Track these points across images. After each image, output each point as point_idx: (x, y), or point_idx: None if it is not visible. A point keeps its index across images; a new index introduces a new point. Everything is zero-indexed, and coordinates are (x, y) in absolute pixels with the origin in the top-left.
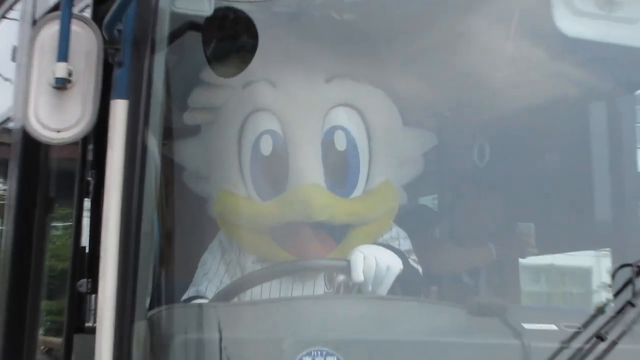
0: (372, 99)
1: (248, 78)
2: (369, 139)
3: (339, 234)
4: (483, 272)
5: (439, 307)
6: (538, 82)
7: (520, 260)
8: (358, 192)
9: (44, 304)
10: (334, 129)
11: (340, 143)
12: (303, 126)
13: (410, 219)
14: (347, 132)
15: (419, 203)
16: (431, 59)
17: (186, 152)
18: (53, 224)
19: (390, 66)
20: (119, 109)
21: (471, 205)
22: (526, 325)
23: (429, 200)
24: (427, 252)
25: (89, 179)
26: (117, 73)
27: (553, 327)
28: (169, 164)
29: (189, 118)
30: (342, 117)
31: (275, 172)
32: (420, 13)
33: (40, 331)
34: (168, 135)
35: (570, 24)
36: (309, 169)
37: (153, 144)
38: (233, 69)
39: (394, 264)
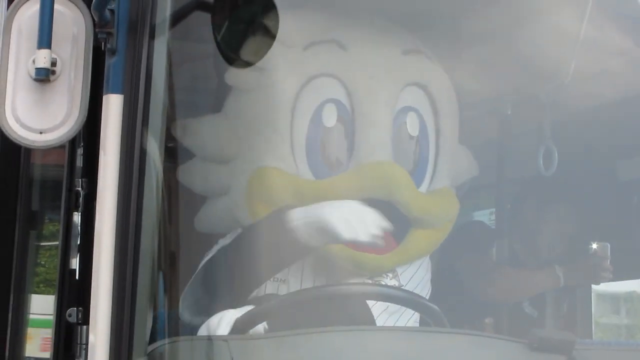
0: (443, 87)
1: (311, 39)
2: (437, 132)
3: (399, 233)
4: (548, 300)
5: (494, 341)
6: (617, 73)
7: (594, 286)
8: (424, 187)
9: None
10: (407, 109)
11: (413, 127)
12: (375, 99)
13: (462, 236)
14: (420, 117)
15: (473, 218)
16: (487, 43)
17: (196, 146)
18: (37, 242)
19: (461, 51)
20: (113, 106)
21: (535, 221)
22: None
23: (484, 215)
24: (482, 276)
25: (78, 188)
26: (110, 62)
27: None
28: (172, 170)
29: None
30: (417, 98)
31: (338, 146)
32: None
33: None
34: (171, 136)
35: None
36: (380, 146)
37: (153, 146)
38: (249, 56)
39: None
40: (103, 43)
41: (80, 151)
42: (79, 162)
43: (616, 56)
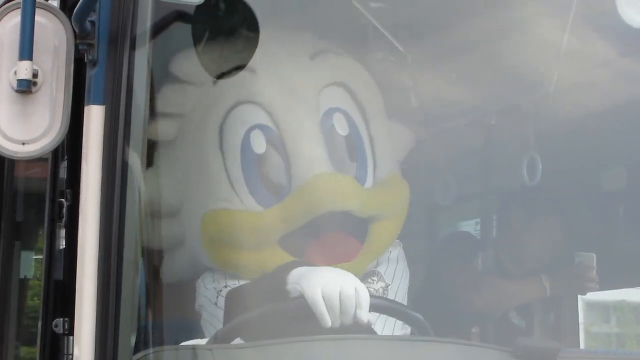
0: (356, 75)
1: (218, 70)
2: (366, 122)
3: (359, 232)
4: (535, 309)
5: (478, 349)
6: (601, 83)
7: (583, 295)
8: (369, 182)
9: (12, 347)
10: (331, 111)
11: (342, 126)
12: (297, 113)
13: (448, 247)
14: (345, 114)
15: (459, 228)
16: (471, 53)
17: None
18: (23, 253)
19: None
20: (95, 116)
21: (520, 231)
22: None
23: (470, 226)
24: (468, 286)
25: (62, 199)
26: (92, 73)
27: None
28: (154, 181)
29: (173, 126)
30: (337, 96)
31: (275, 171)
32: None
33: None
34: (153, 146)
35: (637, 14)
36: (315, 158)
37: (135, 157)
38: (229, 65)
39: (359, 284)
40: (84, 54)
41: (64, 163)
42: (62, 173)
43: (599, 66)
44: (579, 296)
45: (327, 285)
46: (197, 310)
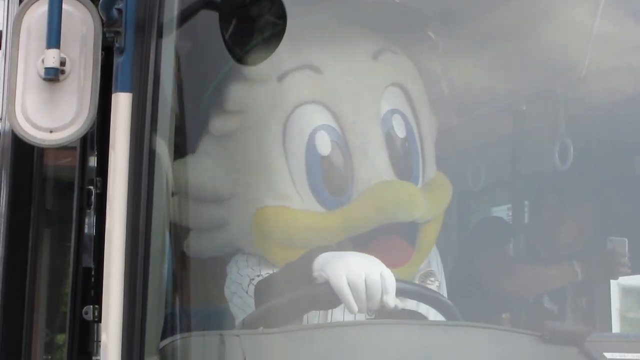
0: (410, 73)
1: (284, 67)
2: (418, 123)
3: (412, 235)
4: (566, 294)
5: (506, 334)
6: (633, 68)
7: (619, 281)
8: (420, 184)
9: (42, 333)
10: (390, 113)
11: (400, 129)
12: (362, 115)
13: (480, 232)
14: (403, 116)
15: (490, 214)
16: (502, 39)
17: (202, 158)
18: (53, 241)
19: (476, 48)
20: (122, 104)
21: (551, 216)
22: (609, 355)
23: (502, 211)
24: (500, 271)
25: (90, 187)
26: (119, 61)
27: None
28: (182, 168)
29: (208, 115)
30: (396, 97)
31: (339, 173)
32: None
33: None
34: (181, 134)
35: None
36: (380, 162)
37: (163, 145)
38: (257, 55)
39: (384, 269)
40: (111, 42)
41: (94, 151)
42: (92, 161)
43: (631, 50)
44: (615, 282)
45: (352, 272)
46: (227, 296)
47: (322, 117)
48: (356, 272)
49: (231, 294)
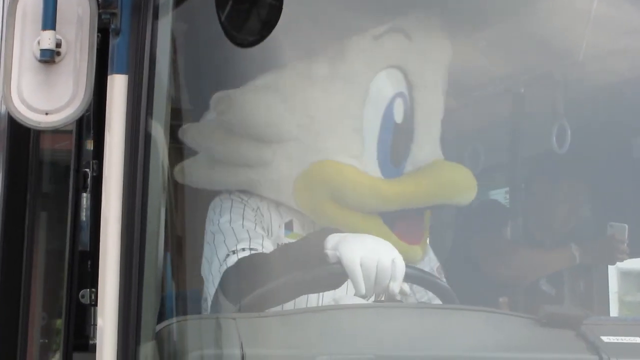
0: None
1: (381, 27)
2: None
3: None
4: (564, 278)
5: (502, 317)
6: (631, 51)
7: (617, 265)
8: None
9: (38, 317)
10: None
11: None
12: (432, 89)
13: (478, 216)
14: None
15: (488, 197)
16: (500, 22)
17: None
18: (50, 224)
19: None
20: (118, 86)
21: (549, 199)
22: (605, 338)
23: (499, 194)
24: (498, 255)
25: (86, 169)
26: (115, 43)
27: (638, 340)
28: (178, 149)
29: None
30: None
31: (404, 144)
32: None
33: (34, 349)
34: (177, 115)
35: None
36: (436, 141)
37: (159, 127)
38: (252, 35)
39: (397, 256)
40: (107, 23)
41: (90, 134)
42: (88, 144)
43: (629, 33)
44: (614, 266)
45: (366, 255)
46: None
47: (401, 84)
48: (370, 255)
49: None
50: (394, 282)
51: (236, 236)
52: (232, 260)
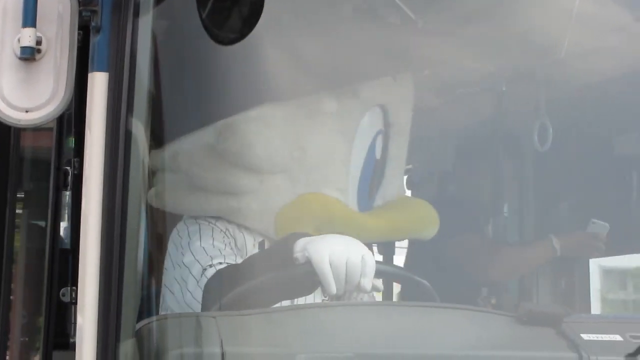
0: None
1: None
2: None
3: None
4: (544, 276)
5: (483, 315)
6: (613, 49)
7: (598, 263)
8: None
9: (19, 316)
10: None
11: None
12: (403, 126)
13: (458, 214)
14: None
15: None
16: (481, 19)
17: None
18: (30, 222)
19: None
20: (98, 84)
21: (531, 198)
22: (585, 336)
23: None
24: (478, 252)
25: (67, 167)
26: (95, 41)
27: (617, 337)
28: (159, 148)
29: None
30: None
31: (378, 180)
32: None
33: (14, 348)
34: (158, 113)
35: None
36: (400, 178)
37: (139, 125)
38: (233, 33)
39: (366, 252)
40: (88, 20)
41: (70, 131)
42: (70, 142)
43: (611, 32)
44: (596, 263)
45: (335, 253)
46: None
47: (381, 122)
48: (338, 253)
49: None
50: (365, 278)
51: (208, 254)
52: (210, 273)
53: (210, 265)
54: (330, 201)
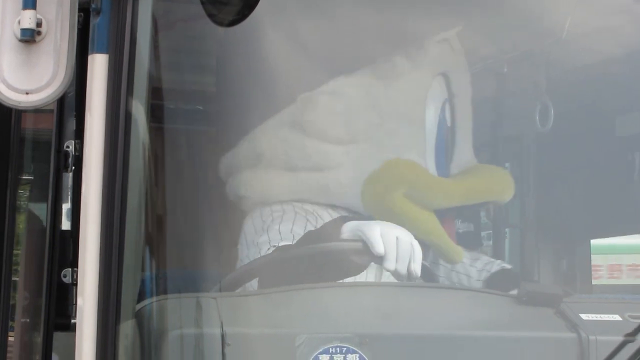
0: None
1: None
2: None
3: None
4: (546, 257)
5: (483, 295)
6: (614, 29)
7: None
8: None
9: (21, 297)
10: None
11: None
12: (466, 97)
13: None
14: None
15: None
16: (489, 2)
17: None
18: (31, 204)
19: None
20: (98, 65)
21: (532, 178)
22: (584, 316)
23: None
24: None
25: (67, 149)
26: (95, 22)
27: (617, 317)
28: (159, 129)
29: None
30: None
31: (451, 147)
32: None
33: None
34: (158, 95)
35: None
36: (470, 149)
37: (139, 106)
38: (233, 14)
39: (415, 243)
40: (88, 2)
41: (70, 113)
42: (71, 124)
43: (612, 12)
44: (591, 243)
45: (387, 235)
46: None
47: (447, 91)
48: (390, 236)
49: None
50: (414, 264)
51: (282, 237)
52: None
53: (275, 247)
54: (414, 166)
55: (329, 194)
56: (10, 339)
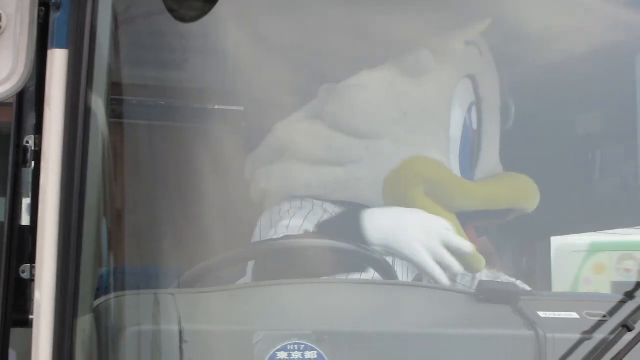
0: None
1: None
2: None
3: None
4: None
5: (440, 293)
6: (574, 28)
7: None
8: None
9: None
10: None
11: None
12: (494, 102)
13: None
14: None
15: None
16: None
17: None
18: None
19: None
20: (58, 60)
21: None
22: (542, 314)
23: None
24: None
25: (26, 144)
26: (55, 17)
27: (574, 315)
28: (119, 125)
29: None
30: None
31: (477, 152)
32: None
33: None
34: (118, 90)
35: None
36: (496, 155)
37: (99, 102)
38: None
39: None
40: None
41: (28, 107)
42: (31, 118)
43: (576, 10)
44: (552, 240)
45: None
46: None
47: (474, 94)
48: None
49: None
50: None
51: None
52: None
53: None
54: (437, 164)
55: (349, 190)
56: None
